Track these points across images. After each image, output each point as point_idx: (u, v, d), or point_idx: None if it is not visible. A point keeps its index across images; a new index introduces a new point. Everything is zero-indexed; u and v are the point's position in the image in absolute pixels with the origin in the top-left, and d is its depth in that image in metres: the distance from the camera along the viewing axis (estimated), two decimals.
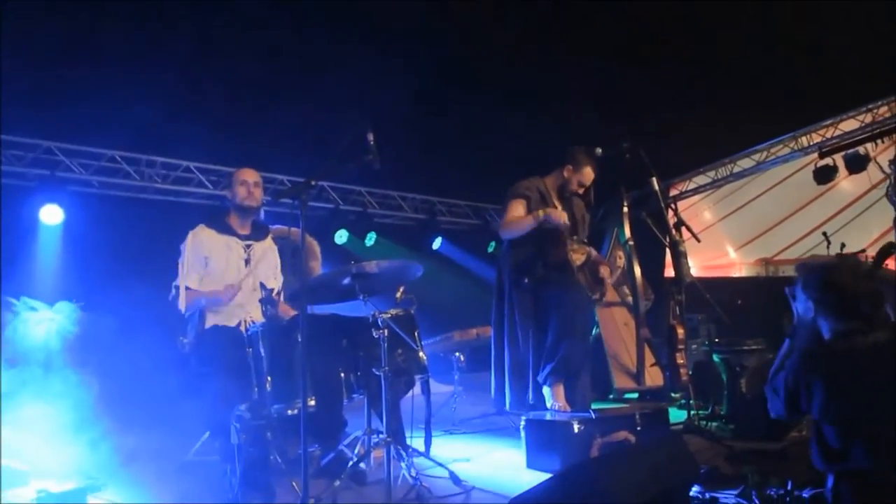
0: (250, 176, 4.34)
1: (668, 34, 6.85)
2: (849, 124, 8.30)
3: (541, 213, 4.56)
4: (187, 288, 4.13)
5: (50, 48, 5.57)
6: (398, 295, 4.55)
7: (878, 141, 7.79)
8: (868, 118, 8.04)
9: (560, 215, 4.55)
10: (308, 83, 6.61)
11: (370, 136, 3.39)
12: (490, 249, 9.88)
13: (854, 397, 2.46)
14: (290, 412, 3.59)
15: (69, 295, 4.97)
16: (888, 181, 6.62)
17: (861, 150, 7.77)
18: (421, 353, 4.20)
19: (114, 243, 6.56)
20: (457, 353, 6.35)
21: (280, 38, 6.20)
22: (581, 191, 4.93)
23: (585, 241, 5.06)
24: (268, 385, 3.59)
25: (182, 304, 4.14)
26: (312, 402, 3.51)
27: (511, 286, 4.79)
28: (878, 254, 2.64)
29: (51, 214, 6.60)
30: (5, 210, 6.18)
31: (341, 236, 8.54)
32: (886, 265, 2.80)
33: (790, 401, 2.60)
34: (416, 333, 4.20)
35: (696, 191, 10.19)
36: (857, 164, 7.78)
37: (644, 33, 6.82)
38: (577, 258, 4.90)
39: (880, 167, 7.18)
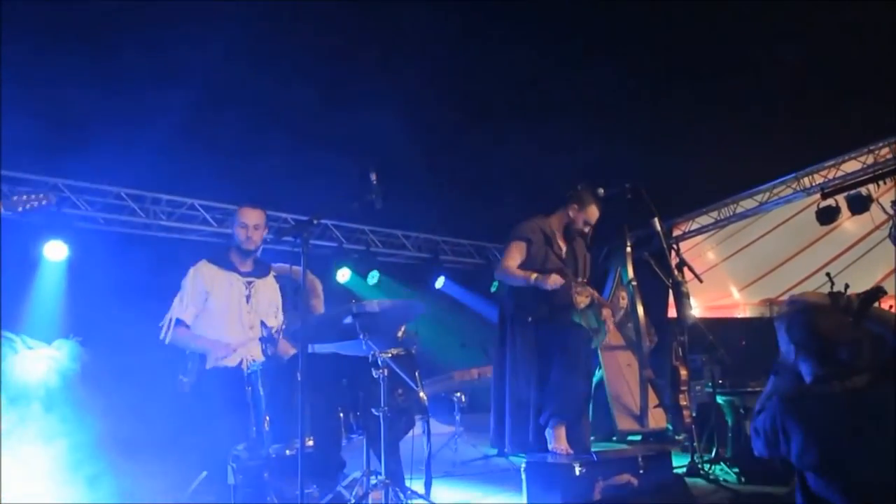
0: (251, 218, 4.28)
1: (672, 76, 6.94)
2: (850, 165, 8.33)
3: (533, 277, 4.54)
4: (185, 325, 4.13)
5: (57, 85, 5.66)
6: (399, 334, 4.55)
7: (880, 182, 7.81)
8: (870, 159, 8.08)
9: (553, 280, 4.52)
10: (313, 123, 6.69)
11: (373, 176, 3.42)
12: (493, 289, 9.87)
13: (831, 443, 2.43)
14: (288, 452, 3.55)
15: (72, 331, 4.96)
16: (891, 222, 6.60)
17: (863, 190, 7.79)
18: (421, 394, 4.16)
19: (118, 280, 6.58)
20: (458, 394, 6.31)
21: (286, 77, 6.29)
22: (587, 230, 4.92)
23: (586, 281, 5.05)
24: (266, 424, 3.57)
25: (167, 336, 4.13)
26: (311, 442, 3.48)
27: (513, 326, 4.76)
28: (863, 299, 2.62)
29: (55, 250, 6.62)
30: (9, 245, 6.21)
31: (344, 275, 8.55)
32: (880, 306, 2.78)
33: (769, 444, 2.57)
34: (416, 373, 4.17)
35: (698, 231, 10.20)
36: (859, 205, 7.78)
37: (648, 76, 6.91)
38: (582, 301, 4.88)
39: (882, 208, 7.18)
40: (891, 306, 6.25)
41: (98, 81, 5.80)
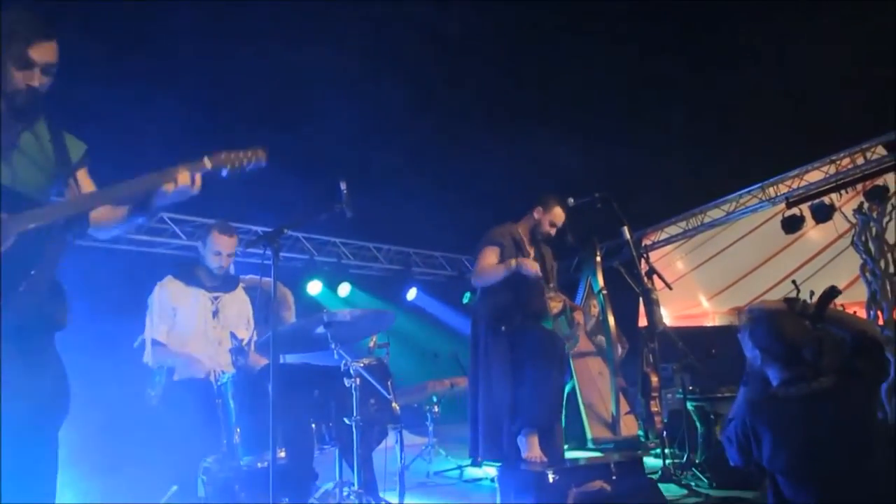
0: (226, 246, 4.23)
1: (640, 88, 7.04)
2: (813, 175, 8.51)
3: (513, 262, 4.58)
4: (158, 342, 4.08)
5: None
6: (371, 344, 4.53)
7: (843, 191, 7.98)
8: (832, 169, 8.26)
9: (532, 265, 4.57)
10: (282, 135, 6.66)
11: (343, 185, 3.42)
12: (465, 300, 9.88)
13: (799, 445, 2.48)
14: (259, 464, 3.52)
15: None
16: (854, 230, 6.76)
17: (826, 200, 7.96)
18: (394, 403, 4.15)
19: (83, 294, 6.47)
20: (431, 404, 6.30)
21: (255, 91, 6.27)
22: (553, 231, 4.96)
23: (556, 287, 5.09)
24: (237, 436, 3.53)
25: (149, 359, 4.09)
26: (282, 454, 3.45)
27: (487, 334, 4.78)
28: (820, 298, 2.68)
29: None
30: None
31: (315, 287, 8.51)
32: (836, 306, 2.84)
33: (742, 450, 2.61)
34: (389, 382, 4.16)
35: (668, 241, 10.33)
36: (822, 214, 7.95)
37: (615, 89, 7.00)
38: (555, 306, 4.92)
39: (845, 216, 7.34)
40: (855, 311, 6.38)
41: (60, 93, 5.72)
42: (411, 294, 9.47)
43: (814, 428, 2.48)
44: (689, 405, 5.69)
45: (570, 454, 4.55)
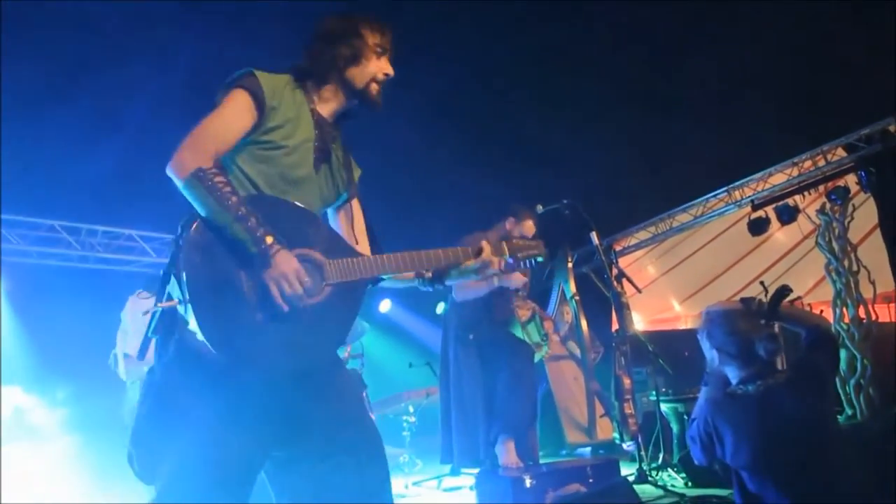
0: None
1: (606, 95, 7.13)
2: (777, 178, 8.66)
3: (496, 279, 4.60)
4: (130, 357, 4.05)
5: None
6: (345, 355, 4.53)
7: (806, 192, 8.13)
8: (794, 171, 8.42)
9: (517, 278, 4.60)
10: None
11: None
12: (439, 311, 9.86)
13: (759, 440, 2.53)
14: None
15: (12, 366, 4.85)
16: (818, 230, 6.89)
17: (790, 201, 8.10)
18: (371, 414, 4.15)
19: (54, 313, 6.40)
20: (408, 415, 6.29)
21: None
22: None
23: (526, 295, 5.14)
24: None
25: (122, 373, 4.06)
26: None
27: (456, 344, 4.80)
28: (772, 296, 2.74)
29: None
30: None
31: None
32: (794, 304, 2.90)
33: (705, 448, 2.67)
34: (364, 393, 4.16)
35: (637, 246, 10.43)
36: (787, 216, 8.08)
37: (582, 95, 7.09)
38: (523, 314, 4.96)
39: (809, 217, 7.46)
40: (822, 310, 6.50)
41: (29, 110, 5.68)
42: (384, 306, 9.46)
43: (771, 422, 2.54)
44: (664, 406, 5.75)
45: (545, 460, 4.57)
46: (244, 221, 1.80)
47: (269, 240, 1.80)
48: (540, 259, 2.45)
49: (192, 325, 1.72)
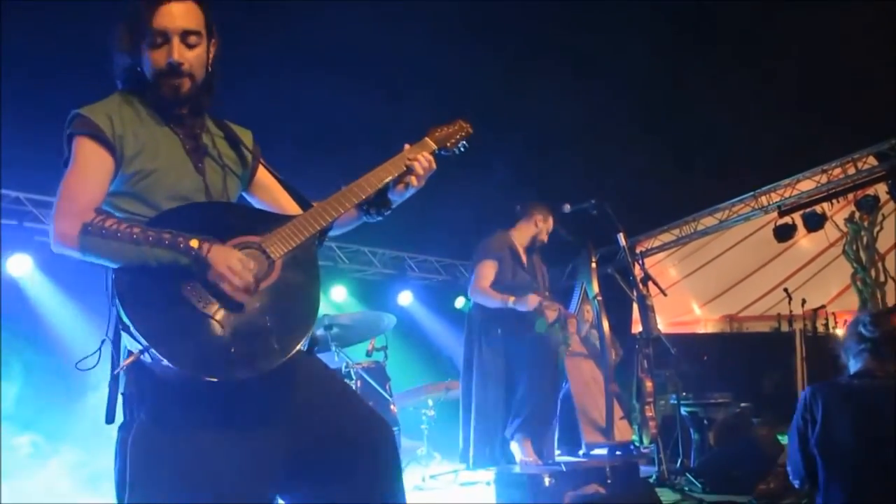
0: None
1: (636, 99, 7.10)
2: (806, 185, 8.60)
3: (511, 300, 4.61)
4: None
5: (22, 99, 5.59)
6: (369, 347, 4.57)
7: (834, 200, 8.07)
8: (823, 178, 8.35)
9: (532, 301, 4.60)
10: (278, 136, 6.67)
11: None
12: (461, 306, 9.87)
13: (844, 431, 2.58)
14: None
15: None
16: (845, 239, 6.84)
17: (818, 209, 8.04)
18: (392, 406, 4.19)
19: (82, 292, 6.49)
20: (427, 408, 6.32)
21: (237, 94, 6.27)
22: (546, 240, 5.03)
23: (549, 294, 5.15)
24: None
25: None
26: None
27: (481, 339, 4.82)
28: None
29: (19, 265, 6.53)
30: None
31: None
32: None
33: (802, 438, 2.70)
34: (387, 385, 4.20)
35: (661, 248, 10.39)
36: (814, 223, 8.02)
37: (612, 97, 7.05)
38: (551, 315, 4.96)
39: (836, 226, 7.42)
40: (846, 320, 6.46)
41: (69, 95, 5.73)
42: (405, 299, 9.50)
43: (862, 417, 2.58)
44: (683, 411, 5.74)
45: (563, 459, 4.59)
46: (159, 243, 1.66)
47: (195, 243, 1.67)
48: (470, 132, 2.46)
49: (165, 362, 1.60)
